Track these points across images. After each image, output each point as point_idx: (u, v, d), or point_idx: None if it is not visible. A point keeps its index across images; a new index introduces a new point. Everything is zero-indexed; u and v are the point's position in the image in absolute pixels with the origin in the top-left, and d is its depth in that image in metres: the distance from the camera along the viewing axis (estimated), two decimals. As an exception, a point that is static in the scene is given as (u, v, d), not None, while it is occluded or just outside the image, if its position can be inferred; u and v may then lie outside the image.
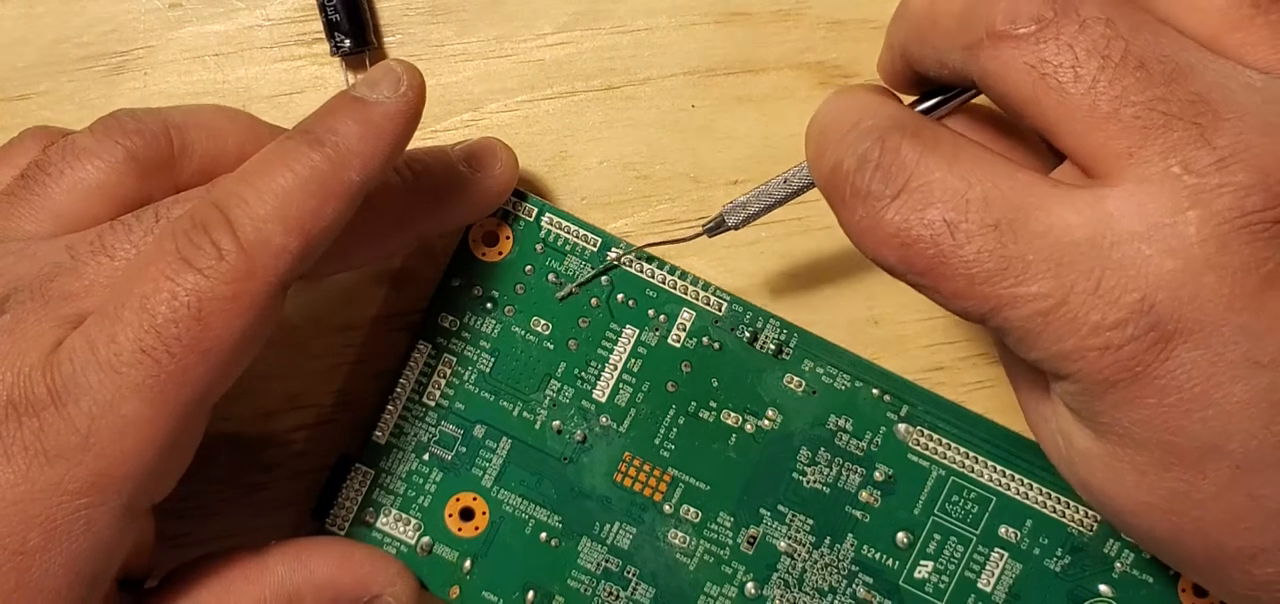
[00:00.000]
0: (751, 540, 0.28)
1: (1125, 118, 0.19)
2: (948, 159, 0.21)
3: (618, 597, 0.28)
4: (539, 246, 0.28)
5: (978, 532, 0.28)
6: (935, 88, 0.24)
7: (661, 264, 0.28)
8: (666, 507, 0.28)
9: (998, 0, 0.20)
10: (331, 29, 0.28)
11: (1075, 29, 0.20)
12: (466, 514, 0.28)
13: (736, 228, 0.27)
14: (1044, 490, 0.28)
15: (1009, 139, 0.23)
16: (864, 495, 0.28)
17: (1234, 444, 0.19)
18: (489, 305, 0.28)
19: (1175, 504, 0.20)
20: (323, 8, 0.28)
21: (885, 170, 0.21)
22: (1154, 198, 0.19)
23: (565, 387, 0.28)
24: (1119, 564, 0.28)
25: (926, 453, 0.28)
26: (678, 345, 0.28)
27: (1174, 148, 0.19)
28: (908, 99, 0.24)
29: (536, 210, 0.28)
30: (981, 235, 0.20)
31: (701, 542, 0.28)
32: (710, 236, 0.27)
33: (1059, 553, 0.28)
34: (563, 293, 0.28)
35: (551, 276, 0.28)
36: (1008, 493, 0.28)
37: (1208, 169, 0.19)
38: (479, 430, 0.28)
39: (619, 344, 0.28)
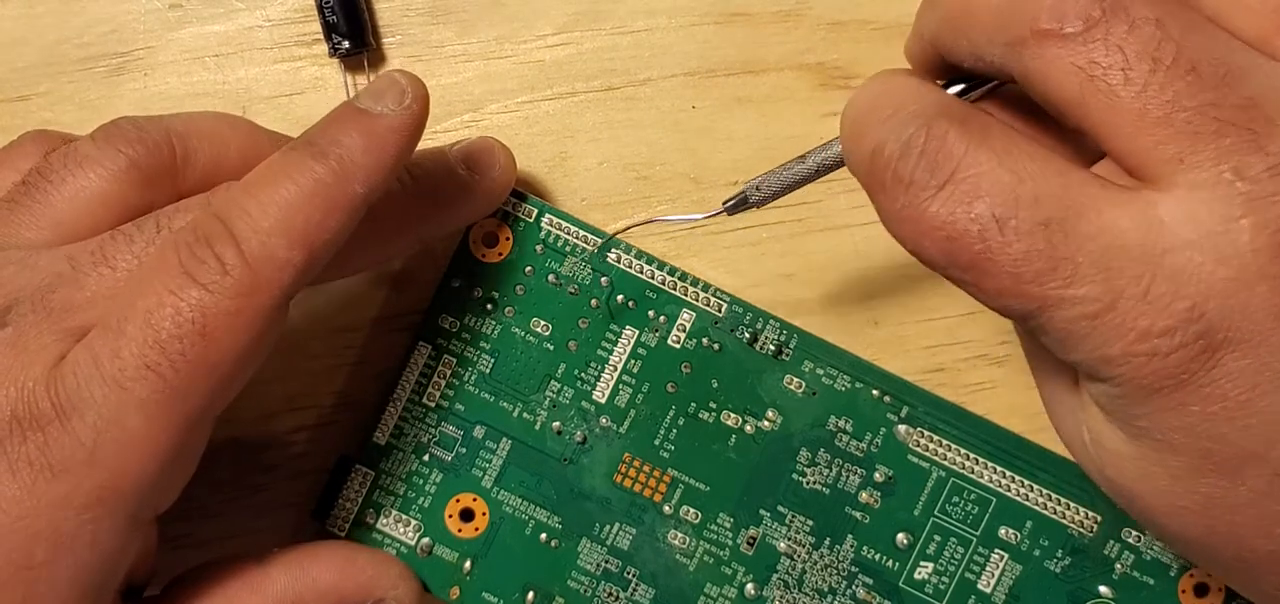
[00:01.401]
0: (751, 541, 0.28)
1: (1177, 123, 0.19)
2: (998, 152, 0.20)
3: (617, 597, 0.28)
4: (539, 247, 0.28)
5: (978, 533, 0.28)
6: (965, 75, 0.23)
7: (661, 265, 0.28)
8: (666, 507, 0.28)
9: None
10: (330, 30, 0.28)
11: (1125, 30, 0.19)
12: (466, 515, 0.28)
13: (759, 206, 0.26)
14: (1044, 492, 0.28)
15: (1045, 127, 0.22)
16: (864, 496, 0.28)
17: (1277, 452, 0.19)
18: (489, 306, 0.28)
19: (1210, 508, 0.20)
20: (321, 9, 0.28)
21: (931, 158, 0.20)
22: (1206, 205, 0.19)
23: (565, 387, 0.28)
24: (1119, 566, 0.28)
25: (926, 454, 0.28)
26: (677, 346, 0.28)
27: (1226, 153, 0.19)
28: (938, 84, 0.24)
29: (536, 211, 0.28)
30: (1031, 234, 0.20)
31: (701, 542, 0.28)
32: (730, 214, 0.26)
33: (1059, 554, 0.28)
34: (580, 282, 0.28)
35: (551, 278, 0.28)
36: (1008, 494, 0.28)
37: (1261, 176, 0.19)
38: (479, 431, 0.28)
39: (619, 345, 0.28)
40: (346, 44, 0.28)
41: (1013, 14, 0.20)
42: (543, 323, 0.28)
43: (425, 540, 0.28)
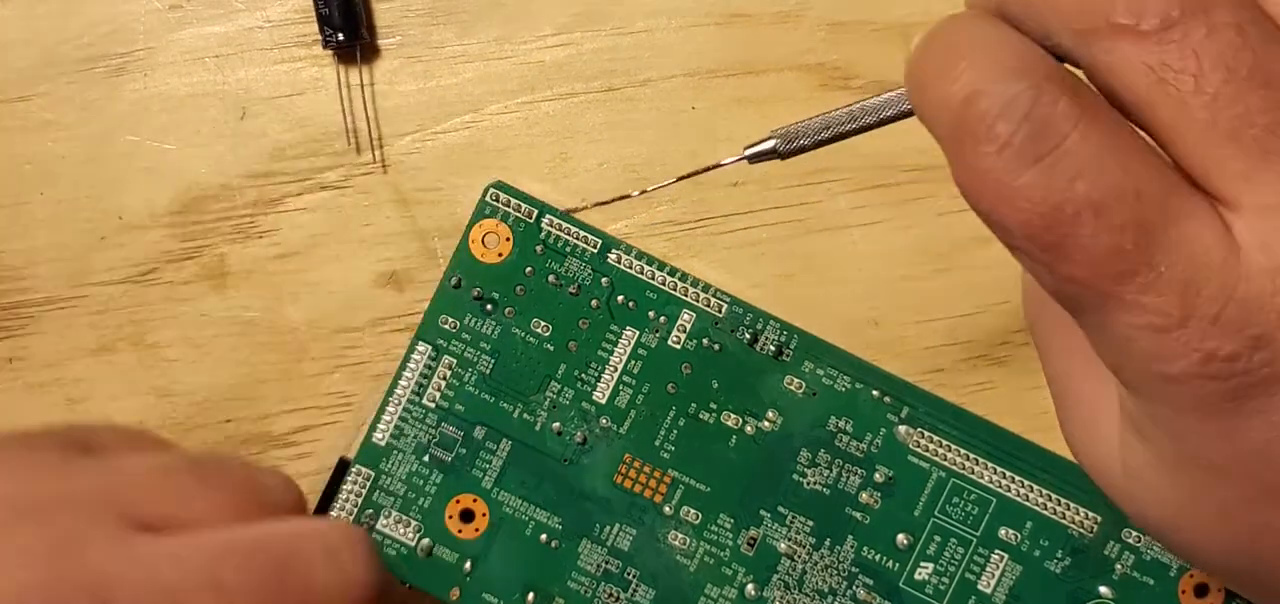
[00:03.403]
0: (752, 542, 0.28)
1: (1245, 139, 0.18)
2: (1108, 135, 0.19)
3: (618, 598, 0.28)
4: (539, 248, 0.28)
5: (978, 533, 0.28)
6: None
7: (661, 265, 0.28)
8: (667, 508, 0.28)
9: None
10: (322, 23, 0.28)
11: (1203, 34, 0.18)
12: (467, 516, 0.28)
13: (783, 157, 0.24)
14: (1044, 492, 0.28)
15: None
16: (864, 497, 0.28)
17: None
18: (489, 306, 0.28)
19: (1259, 537, 0.20)
20: (315, 1, 0.28)
21: (1037, 124, 0.19)
22: (1277, 232, 0.18)
23: (565, 388, 0.28)
24: (1119, 566, 0.28)
25: (927, 455, 0.28)
26: (678, 347, 0.28)
27: None
28: None
29: (536, 211, 0.28)
30: (1123, 230, 0.18)
31: (702, 543, 0.28)
32: (752, 163, 0.25)
33: (1059, 555, 0.28)
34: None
35: (551, 278, 0.28)
36: (1008, 495, 0.28)
37: None
38: (479, 432, 0.28)
39: (619, 346, 0.28)
40: (340, 36, 0.28)
41: (1089, 2, 0.19)
42: (543, 323, 0.28)
43: (425, 541, 0.28)
